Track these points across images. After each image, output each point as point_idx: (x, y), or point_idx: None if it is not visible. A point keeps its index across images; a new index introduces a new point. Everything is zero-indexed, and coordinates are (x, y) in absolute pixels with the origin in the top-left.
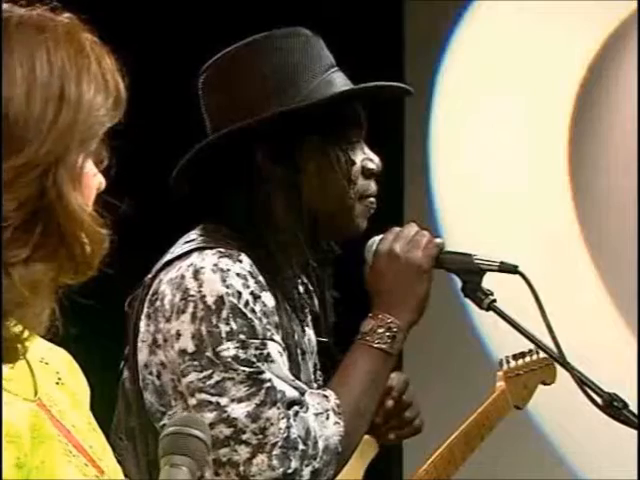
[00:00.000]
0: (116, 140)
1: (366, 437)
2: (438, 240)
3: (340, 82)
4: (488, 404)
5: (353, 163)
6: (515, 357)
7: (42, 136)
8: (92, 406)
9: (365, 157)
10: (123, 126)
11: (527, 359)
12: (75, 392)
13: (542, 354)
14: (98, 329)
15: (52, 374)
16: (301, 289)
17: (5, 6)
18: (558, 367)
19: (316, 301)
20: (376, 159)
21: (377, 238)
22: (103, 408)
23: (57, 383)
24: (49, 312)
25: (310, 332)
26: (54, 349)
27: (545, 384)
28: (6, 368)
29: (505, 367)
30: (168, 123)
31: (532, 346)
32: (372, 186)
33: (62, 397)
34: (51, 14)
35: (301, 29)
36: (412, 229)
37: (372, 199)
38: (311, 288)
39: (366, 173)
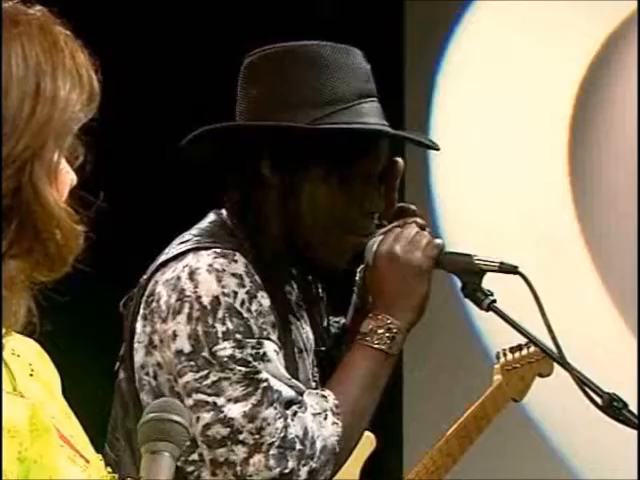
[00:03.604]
0: (110, 139)
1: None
2: (438, 241)
3: (368, 114)
4: (485, 397)
5: (352, 196)
6: (512, 350)
7: (18, 132)
8: (88, 407)
9: (367, 194)
10: (114, 123)
11: (524, 352)
12: (48, 381)
13: None
14: (91, 329)
15: (25, 366)
16: (295, 286)
17: None
18: (557, 366)
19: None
20: (379, 199)
21: (377, 239)
22: (97, 409)
23: (31, 375)
24: (25, 309)
25: (307, 329)
26: (22, 339)
27: (542, 376)
28: None
29: (502, 360)
30: (159, 119)
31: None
32: (367, 223)
33: (37, 388)
34: (23, 7)
35: (352, 49)
36: (412, 230)
37: (363, 238)
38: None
39: (363, 210)
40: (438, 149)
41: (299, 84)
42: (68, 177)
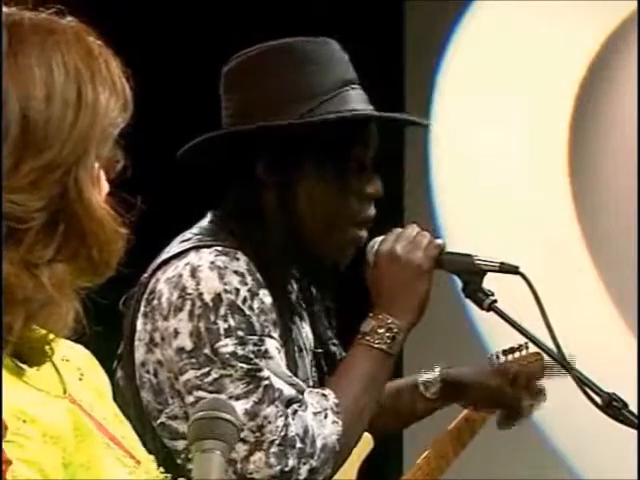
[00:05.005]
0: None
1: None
2: (439, 241)
3: (354, 101)
4: None
5: (348, 186)
6: (505, 352)
7: (63, 138)
8: None
9: (363, 181)
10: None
11: (517, 354)
12: (98, 386)
13: (532, 349)
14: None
15: (74, 371)
16: (295, 287)
17: (12, 9)
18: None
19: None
20: (376, 183)
21: (378, 239)
22: None
23: (80, 379)
24: (74, 313)
25: (307, 329)
26: (72, 346)
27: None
28: (33, 370)
29: (495, 362)
30: (169, 122)
31: (524, 341)
32: (367, 210)
33: (87, 392)
34: (56, 17)
35: (328, 40)
36: (413, 230)
37: (365, 227)
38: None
39: (362, 197)
40: (426, 125)
41: (281, 82)
42: (104, 183)
